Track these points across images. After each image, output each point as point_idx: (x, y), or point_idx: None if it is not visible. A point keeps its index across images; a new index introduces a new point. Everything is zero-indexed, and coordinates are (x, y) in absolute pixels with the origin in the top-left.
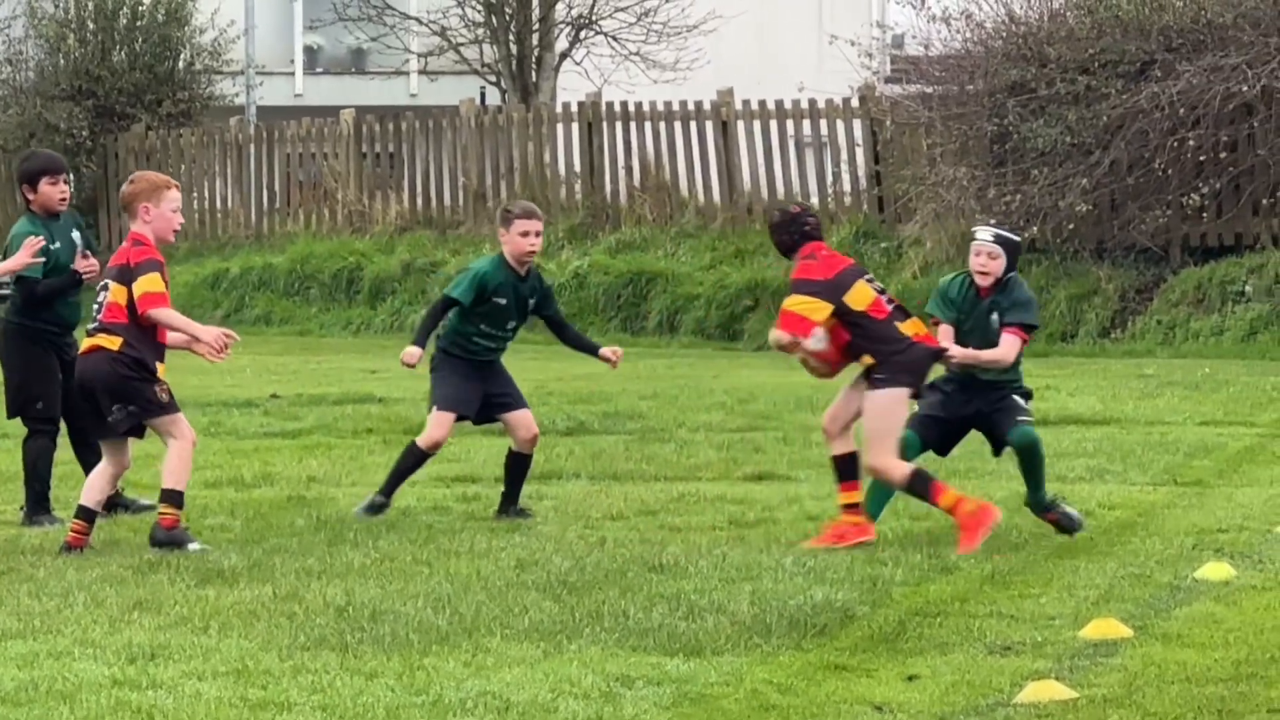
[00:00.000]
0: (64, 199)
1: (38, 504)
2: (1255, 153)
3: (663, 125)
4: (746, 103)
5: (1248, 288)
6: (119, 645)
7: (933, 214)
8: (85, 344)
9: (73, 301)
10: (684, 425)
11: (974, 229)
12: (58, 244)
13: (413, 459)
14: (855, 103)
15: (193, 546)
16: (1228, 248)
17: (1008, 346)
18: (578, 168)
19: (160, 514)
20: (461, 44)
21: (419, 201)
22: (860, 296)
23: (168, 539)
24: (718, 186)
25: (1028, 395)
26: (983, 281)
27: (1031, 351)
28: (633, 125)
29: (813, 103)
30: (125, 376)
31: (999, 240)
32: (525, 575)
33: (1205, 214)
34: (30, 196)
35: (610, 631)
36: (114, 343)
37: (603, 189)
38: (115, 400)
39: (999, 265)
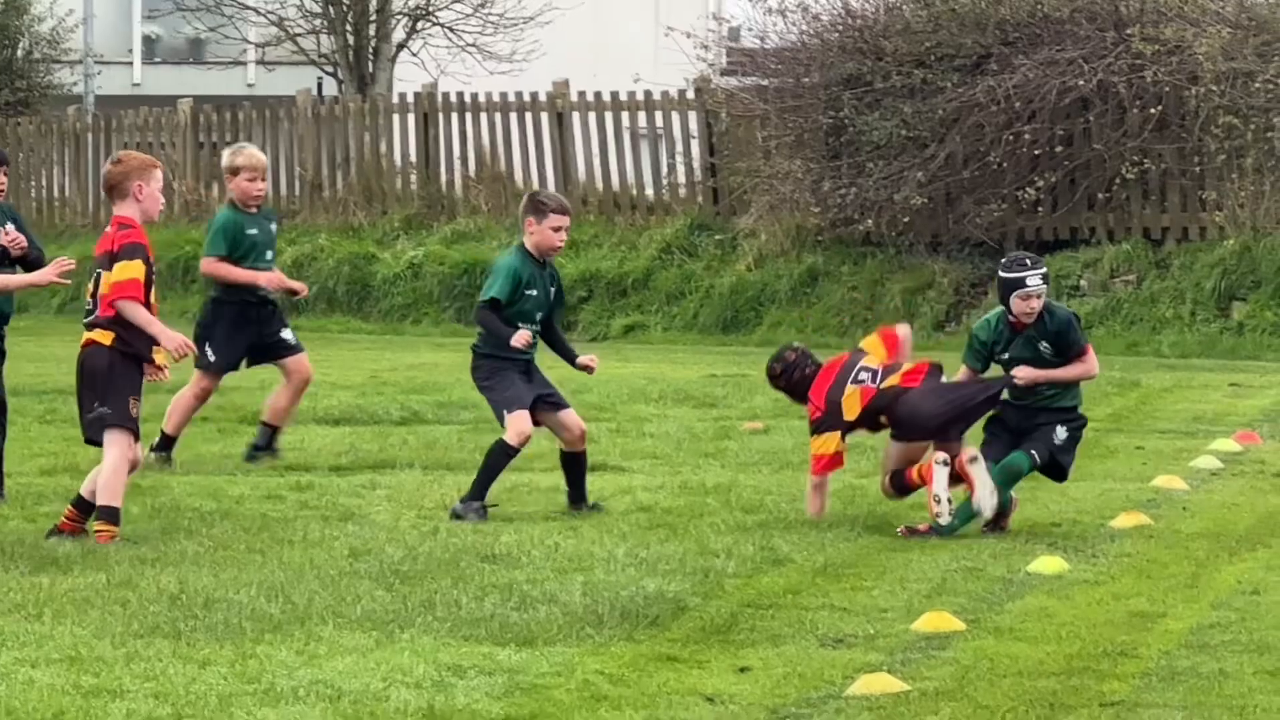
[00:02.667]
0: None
1: None
2: (1091, 147)
3: (498, 116)
4: (582, 94)
5: (1082, 282)
6: None
7: (767, 206)
8: (83, 337)
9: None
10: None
11: (1013, 273)
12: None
13: (505, 456)
14: (691, 95)
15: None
16: (1063, 242)
17: (1089, 361)
18: (413, 158)
19: (97, 531)
20: (299, 34)
21: None
22: (851, 405)
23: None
24: (553, 177)
25: (1080, 424)
26: (1028, 320)
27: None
28: (468, 116)
29: (648, 94)
30: (111, 369)
31: (1045, 279)
32: (358, 564)
33: (1040, 208)
34: None
35: (443, 621)
36: (106, 337)
37: (438, 179)
38: (98, 398)
39: (1040, 303)
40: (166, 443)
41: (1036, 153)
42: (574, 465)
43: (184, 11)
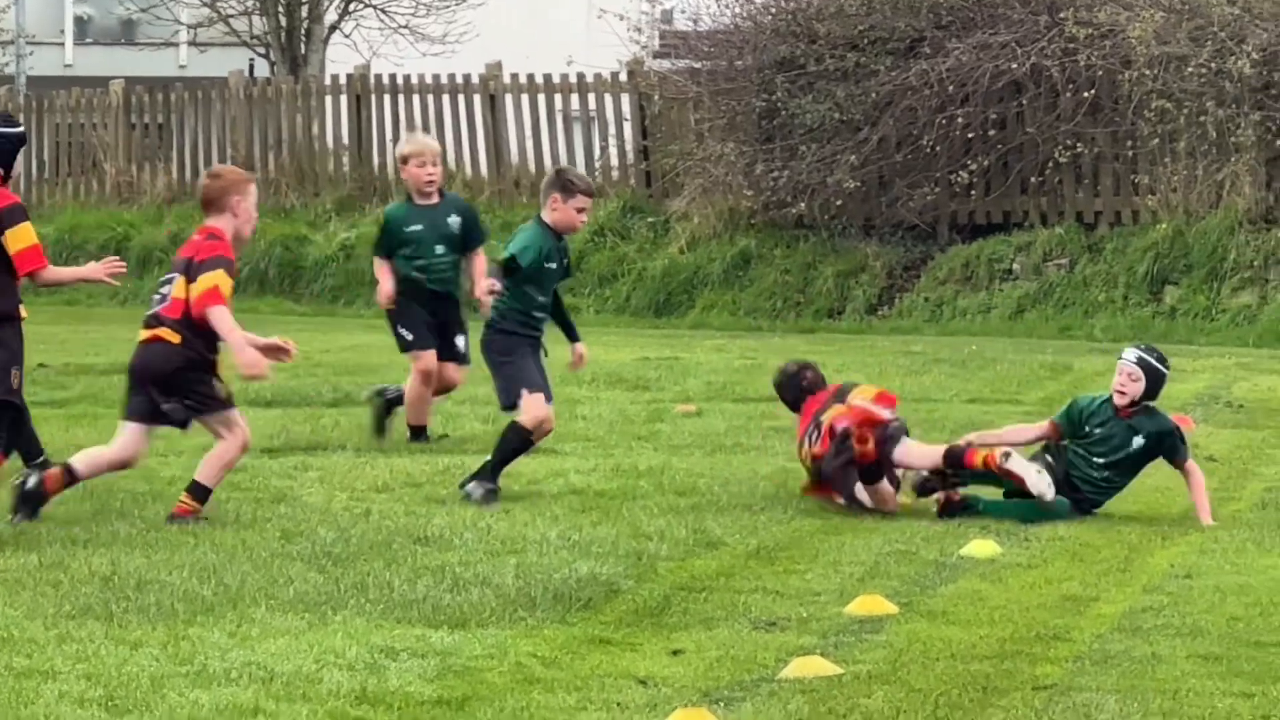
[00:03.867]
0: None
1: None
2: (1024, 131)
3: (431, 98)
4: (515, 76)
5: (1015, 266)
6: None
7: (700, 189)
8: (144, 334)
9: None
10: (450, 398)
11: (1125, 352)
12: None
13: (520, 440)
14: (624, 77)
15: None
16: (995, 226)
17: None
18: (346, 140)
19: (180, 501)
20: (231, 16)
21: (187, 173)
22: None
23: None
24: (485, 160)
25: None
26: (1119, 401)
27: (799, 328)
28: (401, 98)
29: (581, 77)
30: (180, 370)
31: (1141, 364)
32: (290, 546)
33: (973, 192)
34: None
35: (375, 603)
36: (175, 337)
37: (370, 161)
38: (166, 394)
39: (1138, 388)
40: (418, 432)
41: (969, 136)
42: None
43: None
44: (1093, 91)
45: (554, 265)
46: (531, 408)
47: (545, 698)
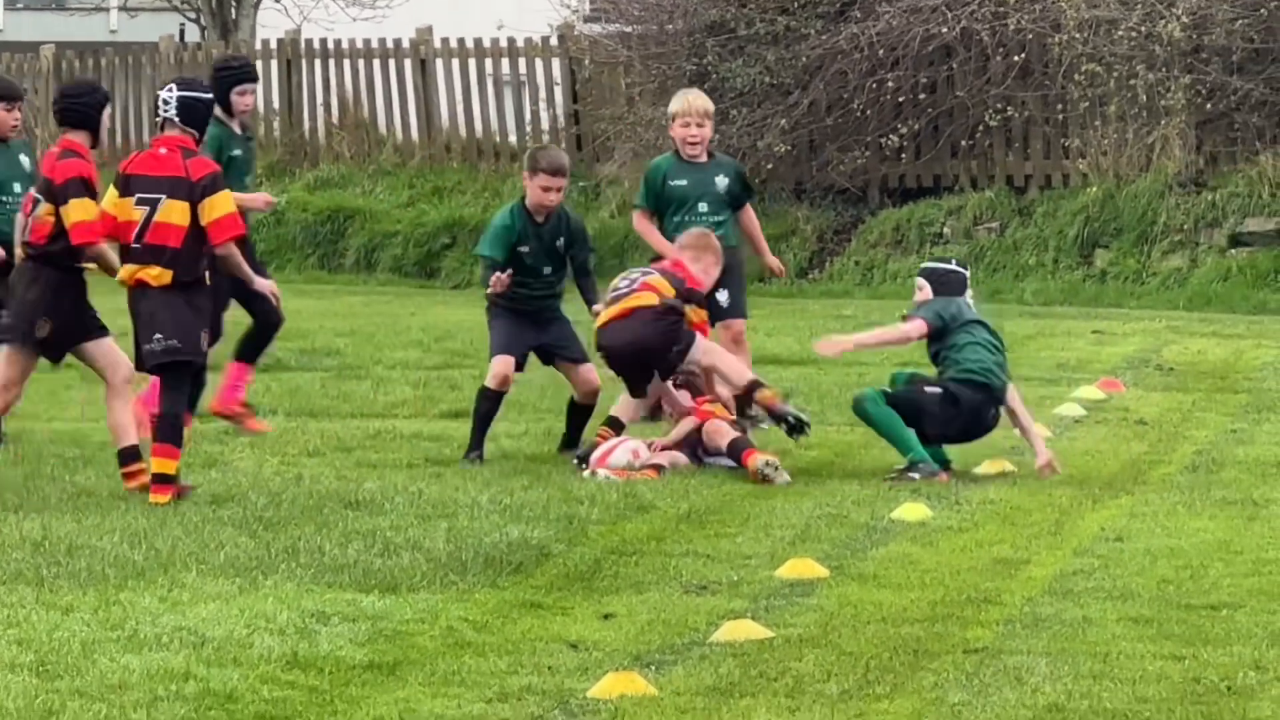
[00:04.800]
0: (15, 126)
1: None
2: (954, 95)
3: (361, 63)
4: (445, 41)
5: (946, 229)
6: None
7: (631, 153)
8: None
9: None
10: (380, 363)
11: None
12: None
13: (488, 402)
14: (554, 41)
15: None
16: (926, 189)
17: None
18: (276, 105)
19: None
20: None
21: (118, 138)
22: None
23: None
24: (416, 125)
25: None
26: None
27: None
28: (331, 63)
29: (511, 41)
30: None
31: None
32: (221, 511)
33: (904, 155)
34: None
35: (306, 568)
36: None
37: (301, 126)
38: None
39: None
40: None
41: (900, 100)
42: (577, 414)
43: None
44: (1023, 55)
45: (526, 249)
46: (492, 368)
47: (476, 661)
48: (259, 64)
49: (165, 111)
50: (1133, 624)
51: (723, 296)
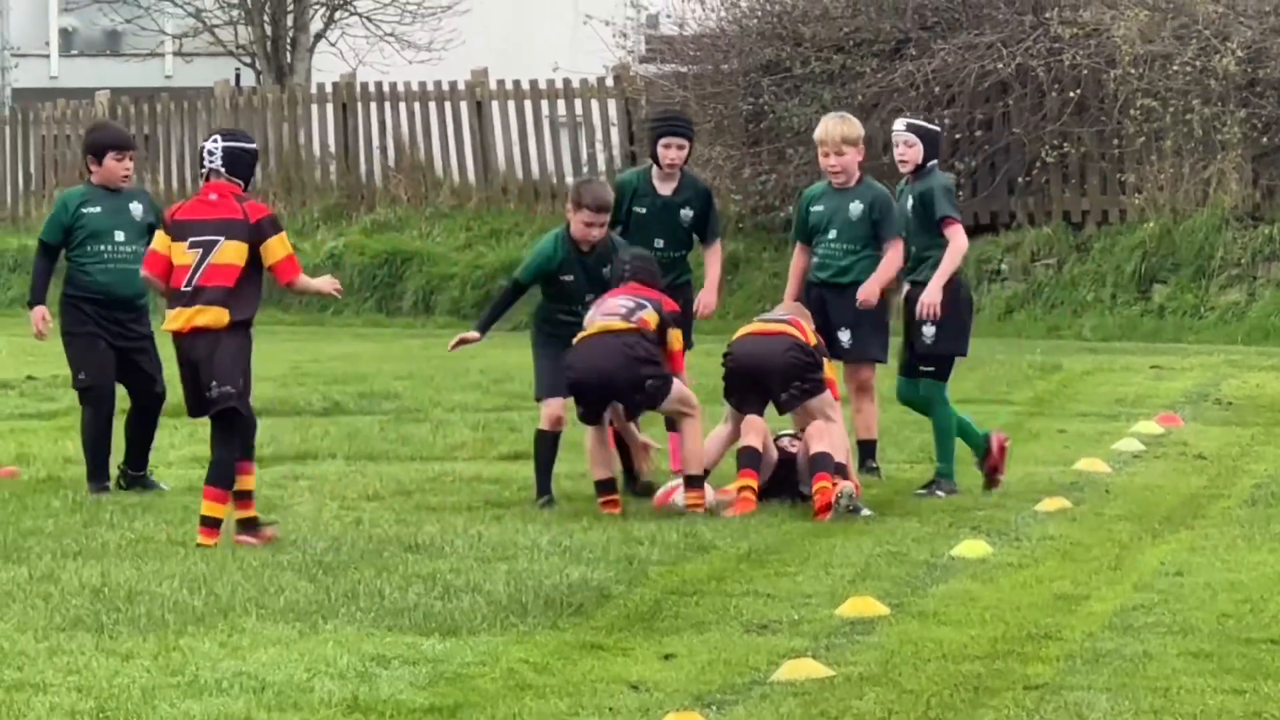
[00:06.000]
0: (127, 175)
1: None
2: (1010, 131)
3: (417, 105)
4: (501, 83)
5: (1003, 266)
6: None
7: None
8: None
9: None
10: (439, 405)
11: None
12: (96, 209)
13: (545, 445)
14: (610, 82)
15: None
16: (983, 226)
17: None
18: (333, 148)
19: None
20: (216, 25)
21: (174, 183)
22: None
23: None
24: (473, 167)
25: None
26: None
27: None
28: (387, 106)
29: (567, 82)
30: None
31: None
32: (281, 555)
33: (961, 193)
34: (94, 169)
35: (366, 611)
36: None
37: (358, 169)
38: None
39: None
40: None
41: (956, 137)
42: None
43: (101, 4)
44: (1078, 91)
45: (571, 278)
46: (544, 411)
47: (537, 704)
48: (314, 108)
49: (211, 162)
50: (1193, 659)
51: (845, 336)
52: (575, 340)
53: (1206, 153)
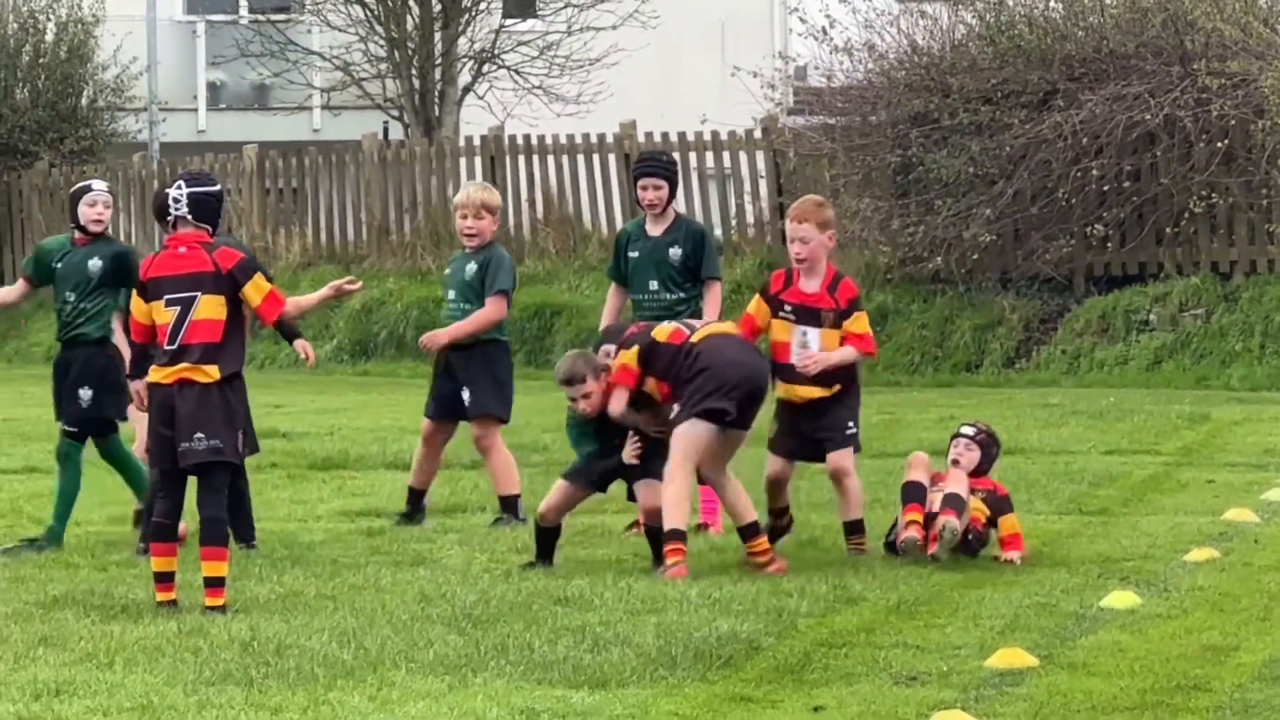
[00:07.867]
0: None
1: None
2: (1158, 182)
3: (565, 158)
4: (649, 135)
5: (1152, 316)
6: (24, 682)
7: (837, 245)
8: None
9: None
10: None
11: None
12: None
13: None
14: (758, 134)
15: None
16: (1131, 277)
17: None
18: None
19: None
20: (364, 79)
21: (323, 236)
22: None
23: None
24: (621, 219)
25: None
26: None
27: (937, 382)
28: (535, 158)
29: (715, 134)
30: None
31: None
32: (430, 609)
33: (1109, 243)
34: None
35: (515, 664)
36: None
37: (506, 223)
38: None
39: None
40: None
41: (1104, 188)
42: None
43: (248, 58)
44: (1226, 141)
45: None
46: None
47: None
48: (463, 160)
49: (177, 210)
50: None
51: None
52: (702, 339)
53: None
